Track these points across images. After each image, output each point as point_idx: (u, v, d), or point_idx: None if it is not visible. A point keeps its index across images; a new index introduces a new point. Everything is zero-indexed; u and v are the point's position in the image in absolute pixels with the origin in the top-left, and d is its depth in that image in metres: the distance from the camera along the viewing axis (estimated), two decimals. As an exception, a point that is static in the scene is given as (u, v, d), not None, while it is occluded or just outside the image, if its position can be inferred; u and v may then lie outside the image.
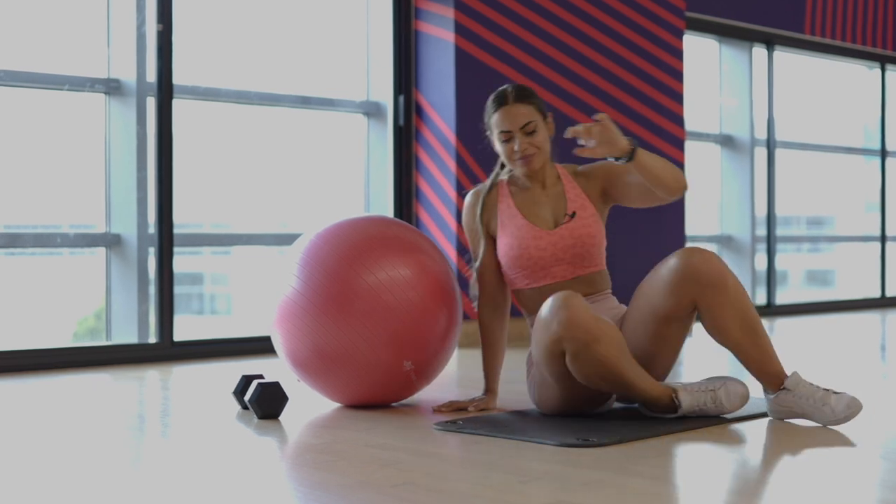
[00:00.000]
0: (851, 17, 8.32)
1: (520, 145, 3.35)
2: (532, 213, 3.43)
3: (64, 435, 3.15)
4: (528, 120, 3.35)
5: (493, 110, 3.38)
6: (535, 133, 3.36)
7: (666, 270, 3.18)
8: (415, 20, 5.90)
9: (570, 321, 3.02)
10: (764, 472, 2.61)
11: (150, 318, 5.10)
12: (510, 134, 3.36)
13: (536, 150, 3.37)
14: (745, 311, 3.15)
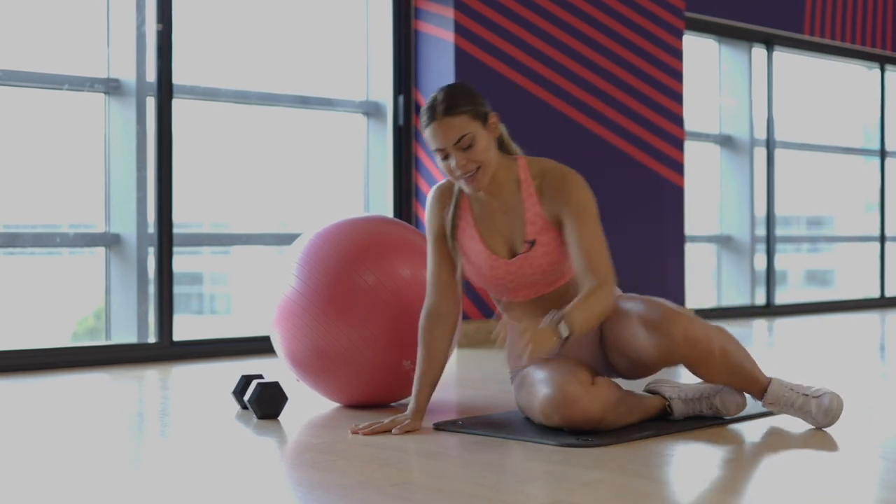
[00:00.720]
0: (851, 18, 8.32)
1: (457, 163, 2.98)
2: (490, 236, 3.12)
3: (64, 435, 3.15)
4: (460, 134, 2.96)
5: (425, 125, 3.01)
6: (473, 146, 2.98)
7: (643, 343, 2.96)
8: (414, 20, 5.90)
9: (572, 419, 2.91)
10: (763, 472, 2.61)
11: (149, 318, 5.10)
12: (445, 151, 2.99)
13: (477, 165, 2.99)
14: (732, 366, 3.02)
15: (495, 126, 3.08)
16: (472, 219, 3.13)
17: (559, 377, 2.95)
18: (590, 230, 3.01)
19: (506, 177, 3.10)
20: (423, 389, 3.16)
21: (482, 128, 3.02)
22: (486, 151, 3.01)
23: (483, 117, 3.04)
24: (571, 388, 2.91)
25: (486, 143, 3.02)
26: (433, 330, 3.18)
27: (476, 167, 2.99)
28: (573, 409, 2.90)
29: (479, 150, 2.99)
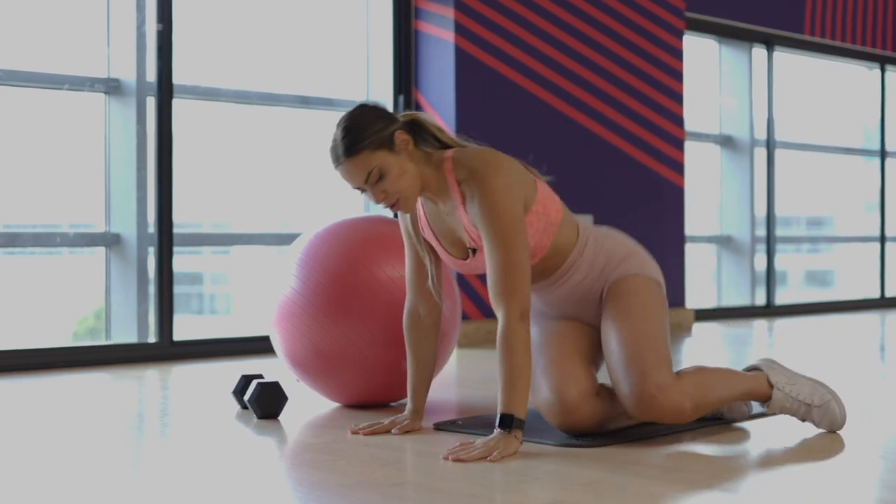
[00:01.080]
0: (851, 18, 8.32)
1: (375, 199, 2.88)
2: (444, 237, 3.03)
3: (64, 434, 3.15)
4: (366, 172, 2.84)
5: (333, 168, 2.93)
6: (384, 177, 2.85)
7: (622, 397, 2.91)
8: (415, 20, 5.90)
9: (570, 425, 2.93)
10: (763, 472, 2.61)
11: (149, 318, 5.10)
12: (360, 189, 2.90)
13: (396, 195, 2.88)
14: (714, 405, 2.96)
15: (404, 144, 2.89)
16: (426, 220, 3.06)
17: (559, 379, 2.94)
18: (497, 249, 2.82)
19: (437, 184, 2.95)
20: (418, 390, 3.15)
21: (389, 153, 2.87)
22: (400, 178, 2.87)
23: (387, 143, 2.87)
24: (570, 396, 2.91)
25: (399, 168, 2.87)
26: (415, 331, 3.15)
27: (395, 198, 2.88)
28: (571, 417, 2.91)
29: (392, 180, 2.86)
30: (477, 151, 2.94)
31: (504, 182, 2.86)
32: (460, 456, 2.66)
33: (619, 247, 3.08)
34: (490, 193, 2.83)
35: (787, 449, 2.86)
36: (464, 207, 2.90)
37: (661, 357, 2.89)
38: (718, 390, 2.96)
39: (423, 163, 2.93)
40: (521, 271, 2.81)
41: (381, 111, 2.94)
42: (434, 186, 2.95)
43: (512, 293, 2.79)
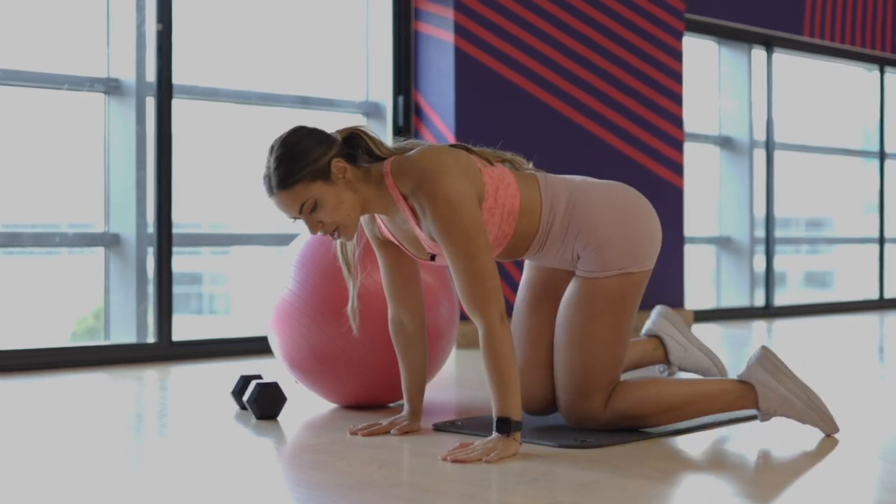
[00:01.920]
0: (850, 20, 8.33)
1: (313, 229, 2.80)
2: (407, 242, 2.99)
3: (62, 434, 3.15)
4: (300, 203, 2.75)
5: (266, 197, 2.82)
6: (319, 208, 2.76)
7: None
8: (414, 21, 5.90)
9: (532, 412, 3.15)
10: (762, 472, 2.61)
11: (148, 318, 5.10)
12: (294, 218, 2.82)
13: (334, 225, 2.80)
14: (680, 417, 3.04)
15: (341, 172, 2.78)
16: (386, 230, 3.01)
17: (526, 374, 3.11)
18: (458, 259, 2.76)
19: (381, 201, 2.86)
20: (413, 394, 3.16)
21: (325, 184, 2.76)
22: (337, 209, 2.78)
23: (323, 174, 2.76)
24: (533, 407, 3.13)
25: (335, 199, 2.77)
26: (401, 338, 3.14)
27: (334, 228, 2.81)
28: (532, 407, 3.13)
29: (329, 211, 2.77)
30: (416, 159, 2.82)
31: (452, 188, 2.76)
32: (458, 457, 2.67)
33: (595, 225, 2.95)
34: (440, 207, 2.75)
35: (786, 450, 2.86)
36: (415, 221, 2.84)
37: (600, 384, 2.98)
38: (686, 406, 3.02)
39: (363, 182, 2.83)
40: (489, 276, 2.76)
41: (319, 135, 2.80)
42: (379, 204, 2.86)
43: (486, 300, 2.75)
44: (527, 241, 2.99)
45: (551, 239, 2.98)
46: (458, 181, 2.79)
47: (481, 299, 2.75)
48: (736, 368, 4.76)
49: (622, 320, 2.98)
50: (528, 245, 3.00)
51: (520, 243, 2.99)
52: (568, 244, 2.98)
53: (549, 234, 2.98)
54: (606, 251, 2.94)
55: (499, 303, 2.77)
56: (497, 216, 2.91)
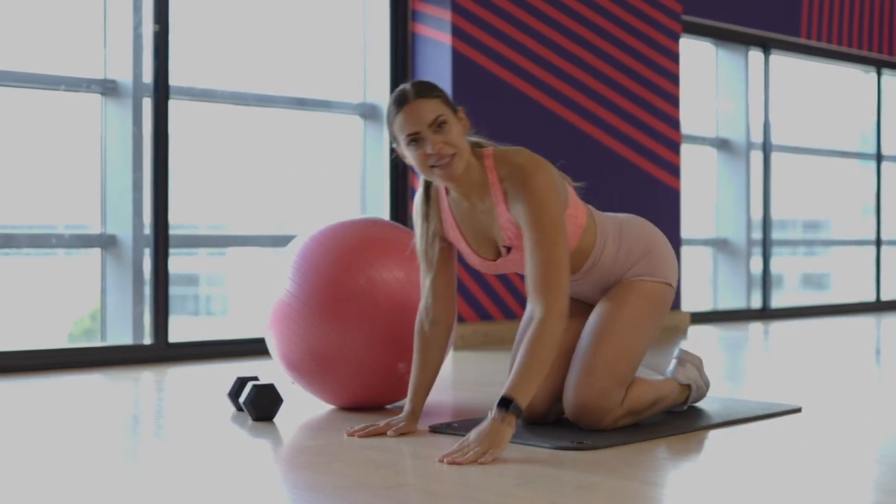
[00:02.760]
0: (847, 22, 8.33)
1: (433, 146, 2.86)
2: (474, 238, 3.07)
3: (59, 436, 3.15)
4: (436, 114, 2.87)
5: (395, 113, 2.90)
6: (448, 128, 2.89)
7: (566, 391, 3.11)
8: (412, 22, 5.90)
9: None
10: (758, 475, 2.61)
11: (144, 320, 5.10)
12: (418, 135, 2.88)
13: (453, 150, 2.89)
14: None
15: (465, 120, 2.97)
16: (454, 221, 3.09)
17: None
18: (541, 245, 2.87)
19: (477, 177, 2.99)
20: (418, 393, 3.17)
21: (453, 116, 2.92)
22: (460, 138, 2.92)
23: (453, 107, 2.95)
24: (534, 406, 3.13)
25: (459, 131, 2.92)
26: (427, 335, 3.17)
27: (452, 153, 2.89)
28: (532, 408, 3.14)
29: (453, 137, 2.89)
30: (516, 151, 3.01)
31: (547, 181, 2.92)
32: (455, 459, 2.67)
33: (637, 243, 3.19)
34: (535, 191, 2.89)
35: (783, 453, 2.86)
36: (505, 205, 2.95)
37: (625, 377, 3.08)
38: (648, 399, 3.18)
39: (469, 153, 2.97)
40: (564, 269, 2.88)
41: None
42: (475, 179, 2.98)
43: (556, 290, 2.85)
44: (582, 258, 3.14)
45: (604, 258, 3.16)
46: (553, 179, 2.95)
47: (552, 288, 2.85)
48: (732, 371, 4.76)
49: (654, 323, 3.17)
50: (582, 263, 3.16)
51: (575, 260, 3.12)
52: (620, 261, 3.17)
53: (602, 253, 3.15)
54: (661, 261, 3.20)
55: (565, 298, 2.86)
56: (571, 226, 3.05)
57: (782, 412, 3.45)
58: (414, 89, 2.91)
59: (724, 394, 3.88)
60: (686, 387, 3.34)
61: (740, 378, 4.52)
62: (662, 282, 3.19)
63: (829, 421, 3.35)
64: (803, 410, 3.52)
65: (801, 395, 3.86)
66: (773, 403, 3.60)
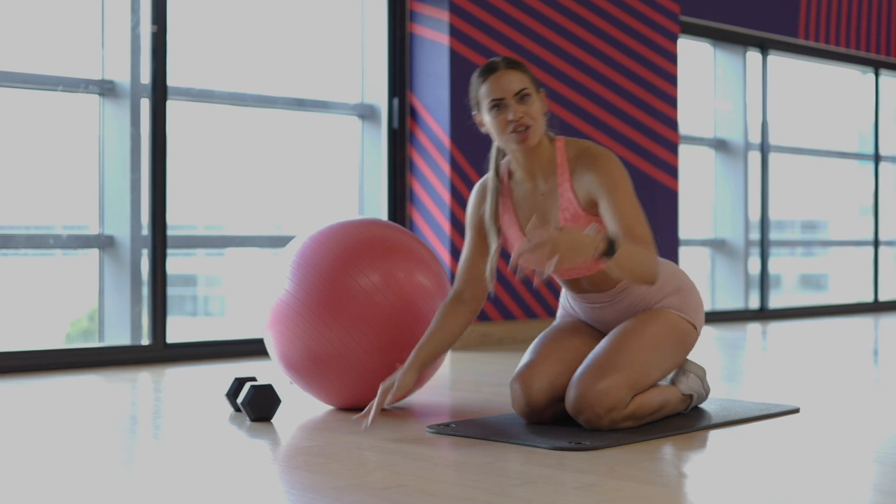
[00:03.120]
0: (845, 22, 8.33)
1: (514, 113, 3.06)
2: (527, 221, 3.19)
3: (56, 436, 3.15)
4: (521, 86, 3.09)
5: (482, 80, 3.12)
6: (530, 101, 3.10)
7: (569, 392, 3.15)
8: (409, 23, 5.90)
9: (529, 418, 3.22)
10: (756, 476, 2.61)
11: (142, 320, 5.09)
12: (502, 101, 3.08)
13: (532, 121, 3.08)
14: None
15: (545, 100, 3.17)
16: (511, 205, 3.23)
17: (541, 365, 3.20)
18: (625, 203, 3.05)
19: (546, 155, 3.16)
20: (420, 351, 3.23)
21: (536, 93, 3.13)
22: (539, 113, 3.11)
23: (537, 85, 3.16)
24: (532, 396, 3.17)
25: (539, 106, 3.12)
26: (448, 309, 3.27)
27: (530, 123, 3.08)
28: (530, 411, 3.18)
29: (534, 110, 3.09)
30: (587, 142, 3.19)
31: (619, 164, 3.12)
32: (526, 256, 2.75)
33: (670, 280, 3.30)
34: (609, 168, 3.07)
35: (781, 453, 2.86)
36: (570, 183, 3.11)
37: (636, 383, 3.11)
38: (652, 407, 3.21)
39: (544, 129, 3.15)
40: (648, 225, 3.09)
41: None
42: (544, 156, 3.15)
43: (648, 238, 3.08)
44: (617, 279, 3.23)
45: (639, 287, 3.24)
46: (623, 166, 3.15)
47: (649, 235, 3.09)
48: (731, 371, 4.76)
49: (673, 351, 3.23)
50: (617, 282, 3.25)
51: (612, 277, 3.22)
52: (651, 291, 3.26)
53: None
54: (690, 302, 3.29)
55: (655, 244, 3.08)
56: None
57: (780, 413, 3.45)
58: (504, 61, 3.13)
59: (722, 394, 3.88)
60: (687, 396, 3.35)
61: (738, 378, 4.52)
62: (689, 320, 3.27)
63: (827, 421, 3.35)
64: (801, 411, 3.52)
65: (799, 396, 3.86)
66: (771, 404, 3.60)
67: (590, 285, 3.27)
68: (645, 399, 3.15)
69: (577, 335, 3.34)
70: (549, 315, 6.10)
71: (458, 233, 5.72)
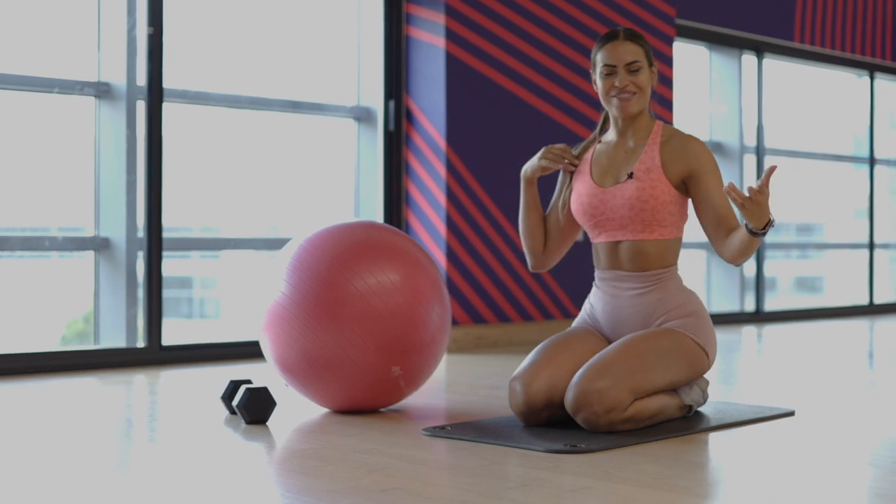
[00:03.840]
0: (840, 26, 8.34)
1: (621, 81, 3.31)
2: (601, 170, 3.40)
3: (52, 439, 3.15)
4: (634, 58, 3.32)
5: (601, 46, 3.35)
6: (639, 73, 3.33)
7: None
8: (406, 25, 5.90)
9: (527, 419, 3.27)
10: (750, 479, 2.61)
11: (138, 322, 5.09)
12: (614, 68, 3.32)
13: (637, 90, 3.33)
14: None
15: (655, 75, 3.40)
16: (590, 160, 3.44)
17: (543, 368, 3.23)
18: (721, 192, 3.29)
19: (643, 125, 3.41)
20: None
21: (648, 67, 3.36)
22: (647, 85, 3.36)
23: (650, 59, 3.38)
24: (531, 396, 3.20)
25: (648, 79, 3.36)
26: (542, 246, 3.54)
27: (634, 91, 3.32)
28: (528, 411, 3.22)
29: (643, 79, 3.33)
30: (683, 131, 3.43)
31: (712, 155, 3.36)
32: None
33: (690, 303, 3.37)
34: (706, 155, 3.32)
35: (776, 456, 2.86)
36: (657, 148, 3.34)
37: (629, 381, 3.13)
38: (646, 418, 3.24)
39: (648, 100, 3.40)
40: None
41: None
42: (640, 124, 3.41)
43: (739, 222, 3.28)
44: (662, 261, 3.37)
45: (667, 283, 3.36)
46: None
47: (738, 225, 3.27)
48: (726, 374, 4.76)
49: (680, 367, 3.27)
50: (658, 266, 3.36)
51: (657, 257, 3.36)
52: (671, 303, 3.34)
53: (671, 277, 3.37)
54: (704, 328, 3.35)
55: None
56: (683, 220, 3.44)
57: (776, 416, 3.45)
58: (624, 32, 3.34)
59: (717, 397, 3.88)
60: (687, 406, 3.36)
61: (734, 381, 4.52)
62: (701, 345, 3.32)
63: (822, 424, 3.36)
64: (797, 414, 3.52)
65: (794, 399, 3.86)
66: (766, 407, 3.60)
67: (627, 259, 3.35)
68: (644, 403, 3.16)
69: (585, 343, 3.37)
70: (546, 318, 6.11)
71: (454, 235, 5.72)
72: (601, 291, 3.45)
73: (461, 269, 5.74)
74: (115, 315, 5.09)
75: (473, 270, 5.80)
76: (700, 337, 3.32)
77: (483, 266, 5.85)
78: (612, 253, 3.39)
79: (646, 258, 3.35)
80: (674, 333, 3.28)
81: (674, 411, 3.30)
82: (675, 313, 3.33)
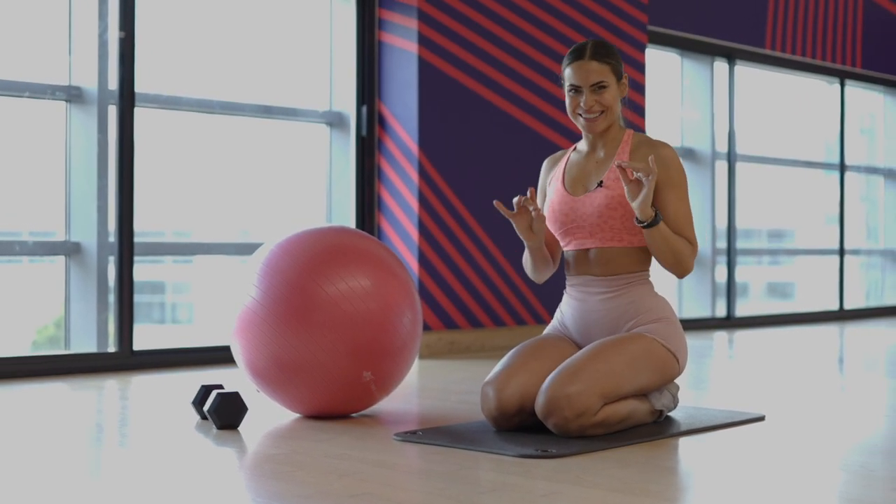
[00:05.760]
0: (811, 33, 8.40)
1: (586, 102, 3.35)
2: (573, 179, 3.44)
3: (22, 445, 3.13)
4: (599, 79, 3.34)
5: (568, 63, 3.37)
6: (605, 91, 3.35)
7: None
8: (378, 31, 5.91)
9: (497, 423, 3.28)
10: (722, 483, 2.62)
11: (109, 327, 5.07)
12: (579, 88, 3.35)
13: (603, 109, 3.36)
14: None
15: (625, 87, 3.43)
16: (563, 171, 3.47)
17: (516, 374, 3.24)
18: (680, 204, 3.33)
19: (612, 137, 3.45)
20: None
21: (615, 83, 3.38)
22: (614, 102, 3.38)
23: (619, 75, 3.40)
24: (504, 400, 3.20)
25: (615, 95, 3.38)
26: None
27: (601, 111, 3.36)
28: (501, 415, 3.22)
29: (608, 99, 3.36)
30: (654, 138, 3.48)
31: (681, 164, 3.39)
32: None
33: (661, 309, 3.38)
34: (671, 164, 3.34)
35: (747, 461, 2.88)
36: (628, 157, 3.38)
37: (600, 387, 3.14)
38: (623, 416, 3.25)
39: (617, 114, 3.44)
40: (694, 231, 3.35)
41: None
42: (610, 135, 3.45)
43: (694, 236, 3.34)
44: (633, 266, 3.39)
45: (637, 288, 3.38)
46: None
47: (691, 238, 3.33)
48: (697, 379, 4.78)
49: (650, 372, 3.27)
50: (627, 271, 3.38)
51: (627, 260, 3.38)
52: (641, 308, 3.36)
53: (641, 283, 3.38)
54: (674, 334, 3.35)
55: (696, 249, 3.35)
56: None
57: (746, 420, 3.47)
58: (591, 50, 3.35)
59: (688, 402, 3.90)
60: (657, 411, 3.38)
61: (704, 386, 4.54)
62: (671, 350, 3.32)
63: (792, 429, 3.38)
64: (767, 419, 3.54)
65: (764, 404, 3.88)
66: (736, 412, 3.62)
67: (596, 265, 3.37)
68: (614, 408, 3.17)
69: (557, 349, 3.38)
70: (518, 324, 6.12)
71: (426, 240, 5.72)
72: (571, 298, 3.46)
73: (433, 275, 5.74)
74: (86, 320, 5.07)
75: (446, 275, 5.81)
76: (670, 342, 3.33)
77: (455, 271, 5.85)
78: (582, 260, 3.42)
79: (615, 264, 3.37)
80: (644, 339, 3.29)
81: (644, 416, 3.31)
82: (644, 318, 3.35)
